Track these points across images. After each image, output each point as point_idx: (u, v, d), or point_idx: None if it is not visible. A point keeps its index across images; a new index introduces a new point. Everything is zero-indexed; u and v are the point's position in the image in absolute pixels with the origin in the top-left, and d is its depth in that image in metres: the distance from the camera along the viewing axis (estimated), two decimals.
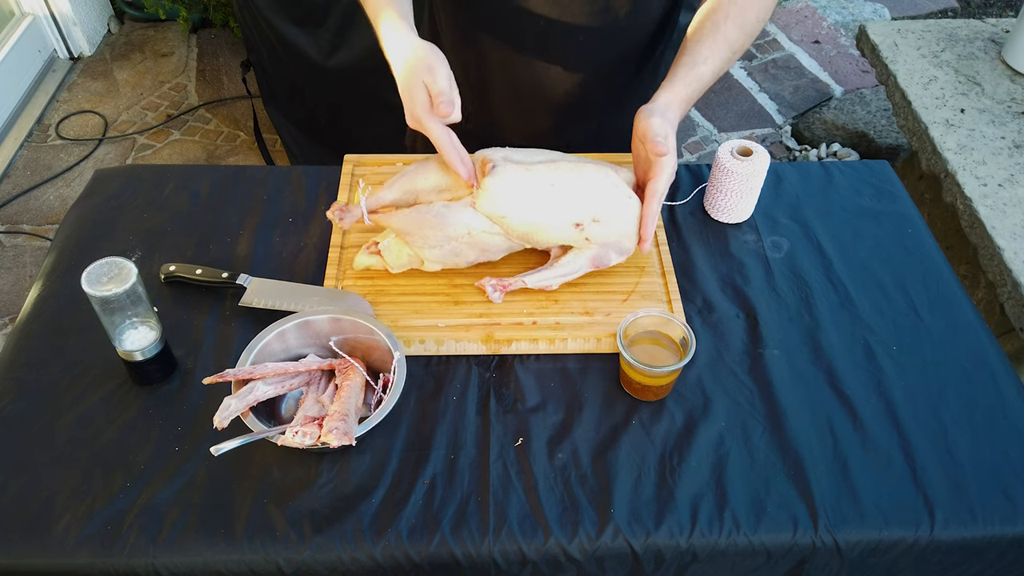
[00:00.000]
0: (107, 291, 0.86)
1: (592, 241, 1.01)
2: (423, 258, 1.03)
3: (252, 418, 0.86)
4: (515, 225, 1.00)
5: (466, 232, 1.00)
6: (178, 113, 2.81)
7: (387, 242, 1.05)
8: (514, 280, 1.03)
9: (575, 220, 1.00)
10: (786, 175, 1.27)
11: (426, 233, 1.00)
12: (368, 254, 1.06)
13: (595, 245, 1.02)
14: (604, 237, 1.01)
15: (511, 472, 0.88)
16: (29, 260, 2.30)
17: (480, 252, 1.04)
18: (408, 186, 1.02)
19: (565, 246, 1.04)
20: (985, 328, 1.05)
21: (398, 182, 1.02)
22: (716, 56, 1.05)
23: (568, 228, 1.00)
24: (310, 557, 0.82)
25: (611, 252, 1.03)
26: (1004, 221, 1.63)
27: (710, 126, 2.78)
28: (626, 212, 1.01)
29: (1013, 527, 0.86)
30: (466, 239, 1.01)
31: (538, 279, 1.03)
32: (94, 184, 1.23)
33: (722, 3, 1.07)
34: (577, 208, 1.00)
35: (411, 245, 1.02)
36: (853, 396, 0.96)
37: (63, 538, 0.82)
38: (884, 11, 3.30)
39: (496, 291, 1.02)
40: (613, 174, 1.02)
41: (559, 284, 1.04)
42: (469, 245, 1.02)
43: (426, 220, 0.99)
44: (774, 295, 1.08)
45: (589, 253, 1.03)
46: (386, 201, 1.02)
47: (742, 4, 1.07)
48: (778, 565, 0.86)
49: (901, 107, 1.99)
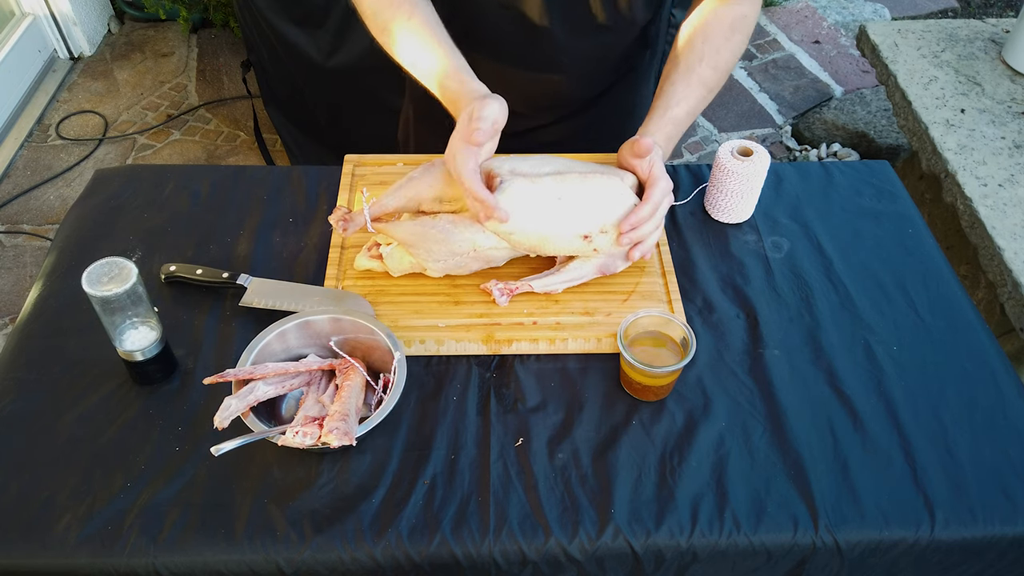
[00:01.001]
0: (107, 291, 0.86)
1: (600, 251, 1.01)
2: (426, 269, 1.03)
3: (252, 418, 0.86)
4: (522, 240, 1.00)
5: (471, 248, 1.00)
6: (178, 113, 2.81)
7: (389, 249, 1.04)
8: (520, 284, 1.03)
9: (583, 232, 0.99)
10: (786, 175, 1.27)
11: (430, 247, 0.99)
12: (369, 257, 1.05)
13: (603, 255, 1.02)
14: (611, 247, 1.01)
15: (511, 472, 0.88)
16: (29, 260, 2.30)
17: (485, 263, 1.04)
18: (411, 193, 1.01)
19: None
20: (985, 328, 1.05)
21: (402, 189, 1.01)
22: (691, 97, 1.07)
23: (576, 240, 1.00)
24: (310, 557, 0.82)
25: (618, 260, 1.04)
26: (1004, 221, 1.63)
27: (710, 126, 2.78)
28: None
29: (1013, 527, 0.86)
30: (471, 254, 1.00)
31: (544, 284, 1.03)
32: (94, 184, 1.23)
33: (695, 45, 1.08)
34: (585, 220, 0.99)
35: (414, 256, 1.02)
36: (853, 396, 0.96)
37: (63, 538, 0.82)
38: (884, 11, 3.30)
39: (503, 295, 1.02)
40: (619, 183, 1.02)
41: (564, 288, 1.04)
42: (474, 259, 1.02)
43: (431, 235, 0.98)
44: (774, 295, 1.08)
45: (596, 262, 1.03)
46: (389, 208, 1.01)
47: (716, 44, 1.08)
48: (778, 565, 0.86)
49: (901, 107, 1.99)
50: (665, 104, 1.07)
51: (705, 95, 1.09)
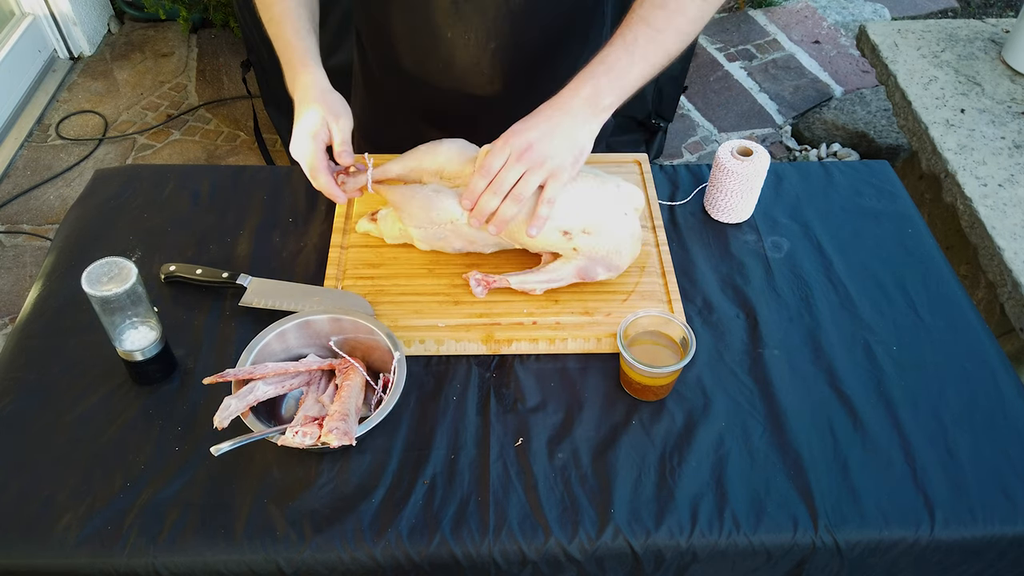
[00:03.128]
0: (107, 291, 0.86)
1: (579, 252, 1.01)
2: (411, 236, 1.06)
3: (252, 418, 0.86)
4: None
5: (449, 220, 1.01)
6: (178, 113, 2.81)
7: (384, 212, 1.09)
8: (499, 278, 1.03)
9: (562, 228, 0.99)
10: (786, 175, 1.27)
11: (413, 212, 1.02)
12: (368, 220, 1.10)
13: (582, 256, 1.01)
14: (592, 250, 1.01)
15: (511, 472, 0.88)
16: (29, 260, 2.30)
17: (467, 242, 1.05)
18: (414, 164, 1.04)
19: (555, 252, 1.04)
20: (985, 328, 1.05)
21: (406, 158, 1.05)
22: (627, 35, 0.96)
23: (554, 233, 1.00)
24: (310, 557, 0.82)
25: (598, 266, 1.02)
26: (1004, 221, 1.63)
27: (710, 126, 2.78)
28: (620, 229, 1.00)
29: (1013, 527, 0.86)
30: (450, 227, 1.01)
31: (522, 280, 1.03)
32: (94, 184, 1.23)
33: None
34: (566, 216, 0.99)
35: (402, 220, 1.04)
36: (853, 396, 0.96)
37: (63, 538, 0.82)
38: (884, 11, 3.30)
39: (480, 285, 1.03)
40: (615, 189, 1.01)
41: (543, 289, 1.04)
42: (454, 233, 1.02)
43: (415, 199, 1.01)
44: (774, 295, 1.08)
45: (576, 263, 1.02)
46: (391, 174, 1.05)
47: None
48: (778, 565, 0.86)
49: (901, 107, 1.99)
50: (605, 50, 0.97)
51: (652, 33, 0.96)
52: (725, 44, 3.11)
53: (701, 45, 3.07)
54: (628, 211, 1.01)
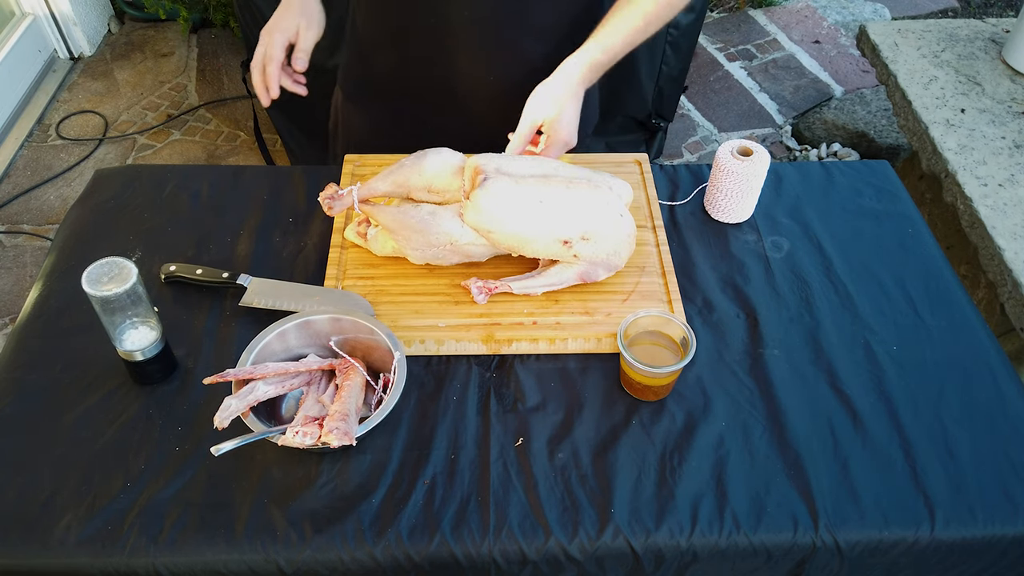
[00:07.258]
0: (107, 291, 0.86)
1: (580, 258, 1.01)
2: (406, 255, 1.05)
3: (252, 418, 0.86)
4: (501, 239, 1.00)
5: (448, 242, 1.00)
6: (178, 113, 2.81)
7: (374, 232, 1.07)
8: (500, 283, 1.03)
9: (563, 237, 0.99)
10: (786, 175, 1.27)
11: (409, 235, 1.01)
12: (356, 233, 1.09)
13: (584, 262, 1.02)
14: (593, 255, 1.01)
15: (511, 472, 0.88)
16: (29, 260, 2.30)
17: (464, 257, 1.05)
18: (401, 180, 1.03)
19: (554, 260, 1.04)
20: (985, 328, 1.05)
21: (392, 174, 1.03)
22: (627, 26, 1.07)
23: (555, 244, 1.00)
24: (310, 557, 0.82)
25: (599, 269, 1.03)
26: (1004, 221, 1.63)
27: (710, 126, 2.78)
28: (617, 231, 1.01)
29: (1013, 527, 0.86)
30: (448, 247, 1.01)
31: (523, 286, 1.03)
32: (94, 184, 1.23)
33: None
34: (565, 226, 0.99)
35: (395, 241, 1.03)
36: (853, 396, 0.96)
37: (63, 538, 0.82)
38: (884, 11, 3.30)
39: (481, 293, 1.02)
40: (608, 191, 1.02)
41: (543, 292, 1.04)
42: (452, 252, 1.02)
43: (410, 223, 1.00)
44: (774, 295, 1.08)
45: (577, 268, 1.02)
46: (378, 192, 1.03)
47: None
48: (778, 565, 0.86)
49: (901, 107, 1.99)
50: (603, 33, 1.07)
51: (643, 27, 1.08)
52: (725, 44, 3.11)
53: (701, 45, 3.07)
54: (623, 211, 1.02)
